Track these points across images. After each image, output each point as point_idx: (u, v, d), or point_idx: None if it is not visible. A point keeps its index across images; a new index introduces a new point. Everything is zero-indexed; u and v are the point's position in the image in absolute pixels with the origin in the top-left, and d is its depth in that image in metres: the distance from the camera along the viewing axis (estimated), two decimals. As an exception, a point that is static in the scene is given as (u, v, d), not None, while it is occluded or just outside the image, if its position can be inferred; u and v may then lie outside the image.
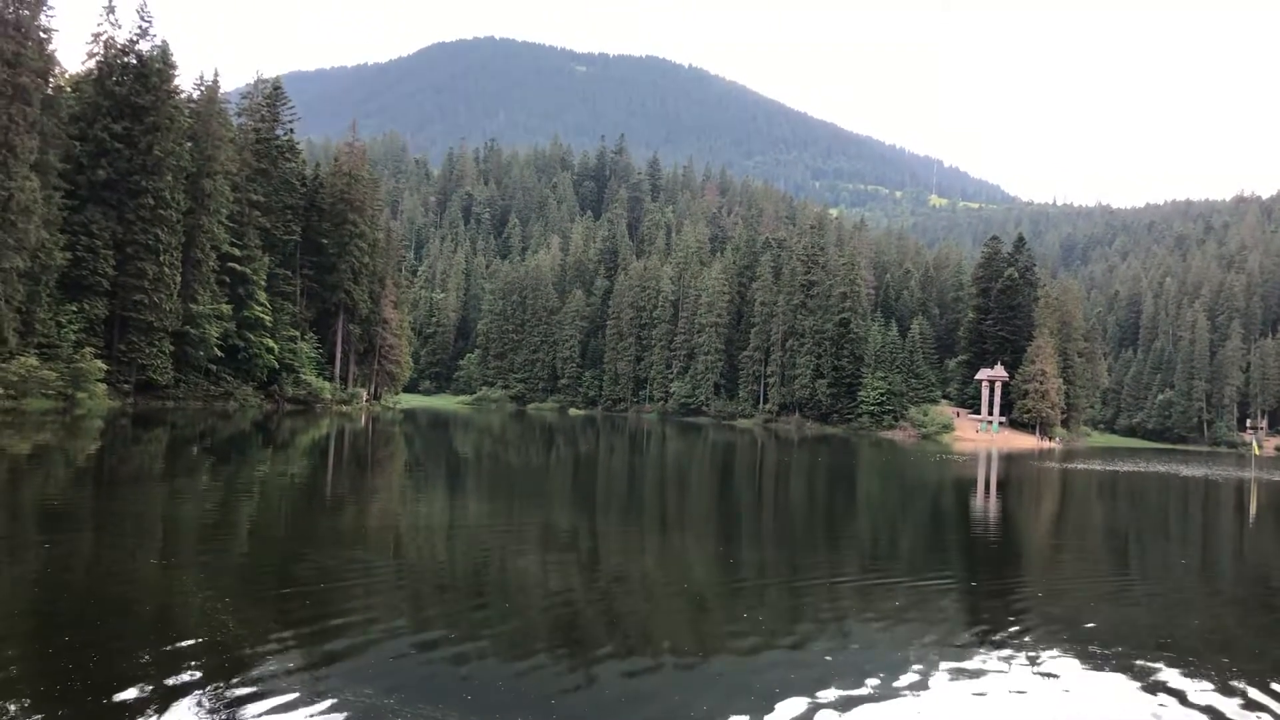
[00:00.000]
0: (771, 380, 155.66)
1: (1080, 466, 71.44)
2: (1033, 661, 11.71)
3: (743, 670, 11.05)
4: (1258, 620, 16.34)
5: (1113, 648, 12.58)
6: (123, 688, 8.93)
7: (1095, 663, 11.76)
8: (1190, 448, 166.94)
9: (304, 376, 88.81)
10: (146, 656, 9.96)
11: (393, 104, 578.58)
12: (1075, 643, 12.68)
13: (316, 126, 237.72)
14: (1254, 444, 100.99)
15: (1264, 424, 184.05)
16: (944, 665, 11.38)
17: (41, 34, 62.63)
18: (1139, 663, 11.81)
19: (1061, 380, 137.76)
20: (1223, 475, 68.43)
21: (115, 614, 11.70)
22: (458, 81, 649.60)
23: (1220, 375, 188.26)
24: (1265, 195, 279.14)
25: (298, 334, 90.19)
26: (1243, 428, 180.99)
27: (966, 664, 11.48)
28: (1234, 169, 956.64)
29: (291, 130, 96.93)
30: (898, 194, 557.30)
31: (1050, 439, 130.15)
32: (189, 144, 76.68)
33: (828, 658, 11.69)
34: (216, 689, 9.14)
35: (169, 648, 10.25)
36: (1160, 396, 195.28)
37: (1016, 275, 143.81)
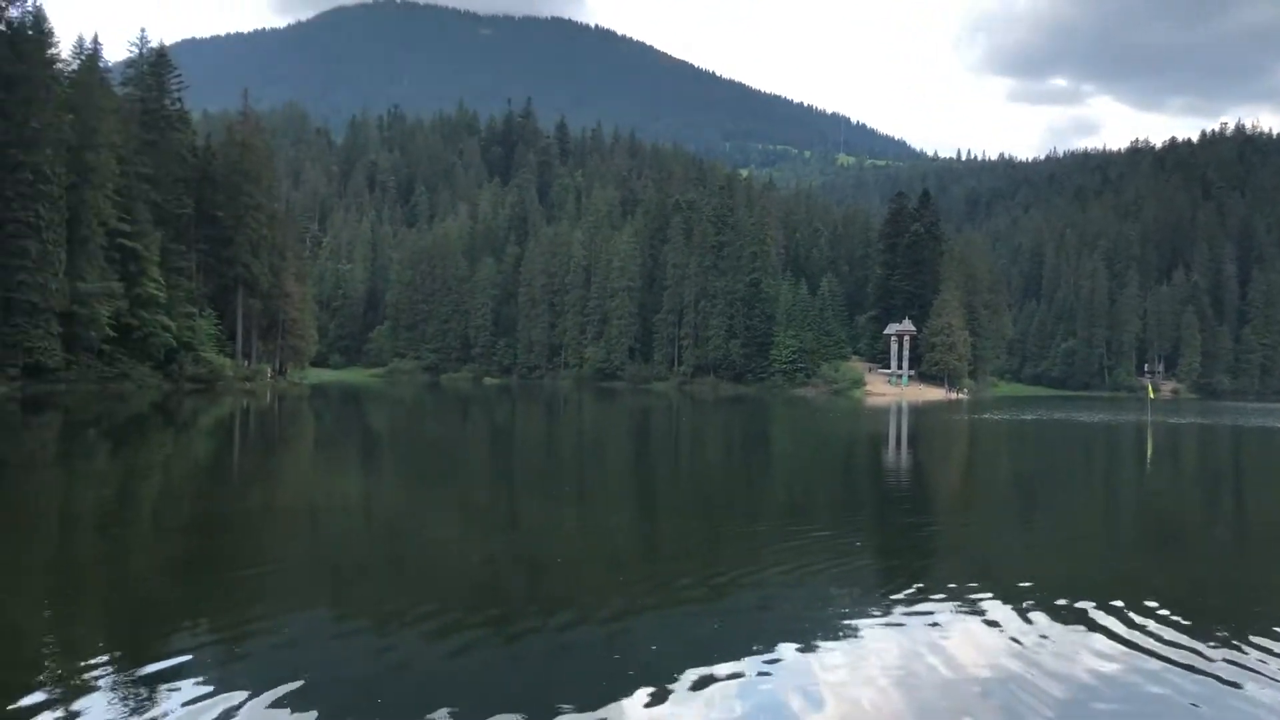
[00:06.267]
0: (685, 342, 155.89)
1: (988, 416, 73.12)
2: (946, 607, 11.73)
3: (669, 627, 11.22)
4: (1158, 559, 16.87)
5: (1024, 589, 12.62)
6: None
7: (1007, 605, 11.72)
8: (1093, 394, 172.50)
9: (204, 354, 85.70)
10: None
11: (292, 72, 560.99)
12: (987, 586, 12.66)
13: (213, 97, 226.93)
14: (1149, 388, 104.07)
15: (1160, 368, 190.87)
16: (862, 612, 11.50)
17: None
18: (1049, 604, 11.80)
19: (968, 332, 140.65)
20: (1122, 420, 70.65)
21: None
22: (359, 47, 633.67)
23: (1119, 323, 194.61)
24: (1158, 145, 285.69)
25: (195, 310, 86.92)
26: (1141, 373, 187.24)
27: (882, 610, 11.60)
28: (1128, 119, 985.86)
29: (180, 99, 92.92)
30: (806, 153, 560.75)
31: (959, 390, 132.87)
32: (69, 115, 72.89)
33: (751, 611, 12.13)
34: (116, 681, 8.53)
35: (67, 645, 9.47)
36: (1064, 345, 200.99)
37: (922, 230, 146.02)
